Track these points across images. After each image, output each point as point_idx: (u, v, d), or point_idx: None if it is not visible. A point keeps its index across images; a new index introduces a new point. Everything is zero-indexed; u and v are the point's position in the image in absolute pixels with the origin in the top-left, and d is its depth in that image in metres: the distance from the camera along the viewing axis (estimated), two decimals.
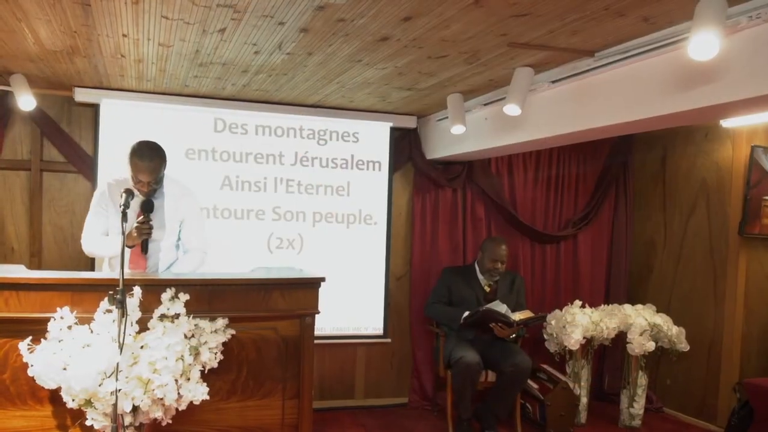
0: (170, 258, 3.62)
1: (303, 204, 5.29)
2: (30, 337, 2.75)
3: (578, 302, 5.26)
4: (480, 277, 5.01)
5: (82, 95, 4.69)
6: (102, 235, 3.54)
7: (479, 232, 5.67)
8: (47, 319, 2.78)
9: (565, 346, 5.05)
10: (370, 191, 5.47)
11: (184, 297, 2.94)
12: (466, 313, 4.76)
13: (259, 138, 5.17)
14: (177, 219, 3.61)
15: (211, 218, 5.06)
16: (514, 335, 4.84)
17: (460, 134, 4.71)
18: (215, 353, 2.96)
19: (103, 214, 3.54)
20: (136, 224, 3.35)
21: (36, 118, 4.73)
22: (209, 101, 4.93)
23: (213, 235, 5.00)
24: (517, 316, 4.71)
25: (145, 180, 3.38)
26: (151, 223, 3.38)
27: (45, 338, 2.76)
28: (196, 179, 4.96)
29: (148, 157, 3.37)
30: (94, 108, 4.83)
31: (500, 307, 4.72)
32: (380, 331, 5.52)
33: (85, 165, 4.80)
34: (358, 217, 5.43)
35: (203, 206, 4.83)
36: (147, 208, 3.39)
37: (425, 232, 5.60)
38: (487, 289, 5.00)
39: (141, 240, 3.39)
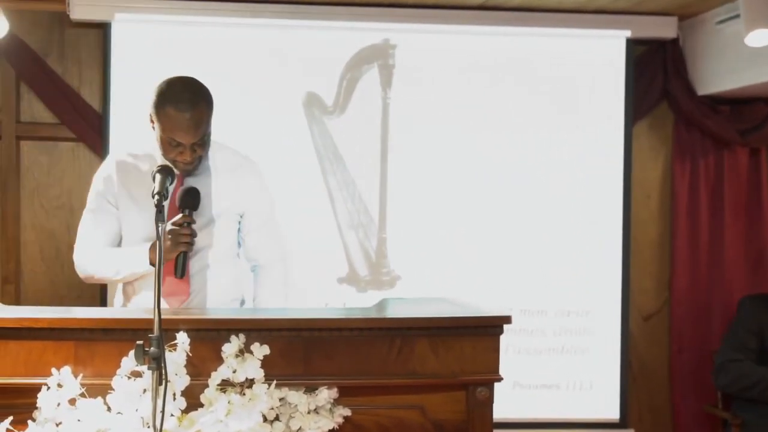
0: (226, 276, 3.74)
1: (461, 188, 5.39)
2: (10, 418, 2.93)
3: None
4: None
5: (82, 10, 4.96)
6: (107, 246, 3.73)
7: None
8: (36, 388, 2.93)
9: None
10: (589, 159, 5.48)
11: (261, 351, 3.03)
12: None
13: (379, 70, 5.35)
14: (235, 211, 3.73)
15: (301, 215, 5.26)
16: None
17: (764, 47, 4.64)
18: None
19: (108, 211, 3.72)
20: (170, 226, 3.44)
21: (9, 52, 5.05)
22: (296, 9, 5.10)
23: (310, 241, 5.21)
24: None
25: (187, 142, 3.46)
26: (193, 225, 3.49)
27: (33, 419, 2.93)
28: (276, 148, 5.19)
29: (190, 103, 3.44)
30: (103, 31, 5.13)
31: None
32: (614, 413, 5.52)
33: (90, 127, 5.10)
34: (566, 206, 5.46)
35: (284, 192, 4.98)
36: (188, 199, 3.45)
37: (698, 230, 5.58)
38: None
39: (177, 254, 3.48)
